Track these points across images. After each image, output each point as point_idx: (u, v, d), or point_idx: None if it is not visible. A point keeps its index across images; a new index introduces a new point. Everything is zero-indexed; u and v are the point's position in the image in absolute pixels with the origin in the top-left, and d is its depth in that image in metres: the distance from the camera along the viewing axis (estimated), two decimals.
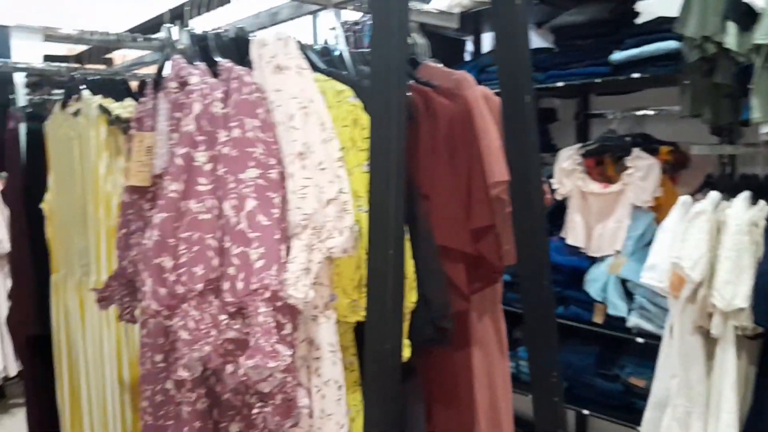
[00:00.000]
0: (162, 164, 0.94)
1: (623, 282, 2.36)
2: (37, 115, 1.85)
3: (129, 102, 1.43)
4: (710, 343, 1.93)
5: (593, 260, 2.44)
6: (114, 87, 1.52)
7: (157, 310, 0.77)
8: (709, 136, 2.16)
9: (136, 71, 1.82)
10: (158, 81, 1.04)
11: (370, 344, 0.86)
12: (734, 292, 1.84)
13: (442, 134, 1.01)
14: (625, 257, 2.37)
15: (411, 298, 0.92)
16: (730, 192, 1.96)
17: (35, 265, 1.80)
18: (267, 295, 0.75)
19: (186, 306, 0.76)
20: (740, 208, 1.87)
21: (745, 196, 1.90)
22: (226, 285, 0.77)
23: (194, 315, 0.76)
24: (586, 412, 2.51)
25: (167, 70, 0.99)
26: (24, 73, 1.93)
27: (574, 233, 2.48)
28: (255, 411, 0.78)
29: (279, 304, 0.76)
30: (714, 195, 1.95)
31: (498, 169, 1.04)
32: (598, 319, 2.38)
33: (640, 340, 2.30)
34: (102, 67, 2.17)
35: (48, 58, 2.31)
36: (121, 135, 1.38)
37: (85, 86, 1.44)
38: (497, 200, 1.06)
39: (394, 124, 0.82)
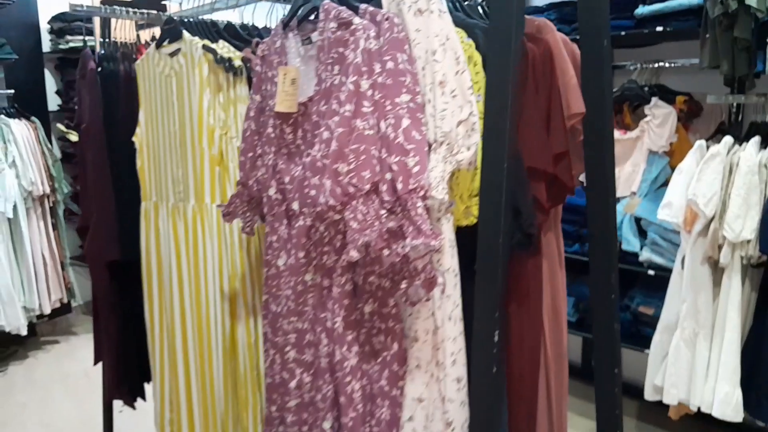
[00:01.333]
0: (308, 93, 1.11)
1: (637, 221, 2.60)
2: (111, 57, 1.99)
3: (223, 44, 1.59)
4: (718, 272, 2.19)
5: None
6: (207, 29, 1.67)
7: (333, 205, 0.97)
8: (719, 89, 2.37)
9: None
10: (287, 23, 1.20)
11: (483, 241, 1.06)
12: (743, 225, 2.08)
13: (529, 72, 1.20)
14: (639, 198, 2.60)
15: None
16: (741, 138, 2.19)
17: (118, 196, 1.97)
18: (422, 193, 0.94)
19: (355, 202, 0.96)
20: (751, 151, 2.09)
21: (755, 141, 2.12)
22: (384, 187, 0.96)
23: (361, 209, 0.95)
24: None
25: (301, 14, 1.15)
26: (98, 17, 2.05)
27: None
28: (403, 285, 0.99)
29: (427, 203, 0.96)
30: (728, 139, 2.17)
31: (575, 103, 1.24)
32: None
33: (651, 272, 2.55)
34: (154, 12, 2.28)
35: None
36: (222, 73, 1.54)
37: (183, 28, 1.59)
38: (572, 130, 1.26)
39: (512, 63, 1.00)
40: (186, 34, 1.58)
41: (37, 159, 3.55)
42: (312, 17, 1.19)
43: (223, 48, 1.56)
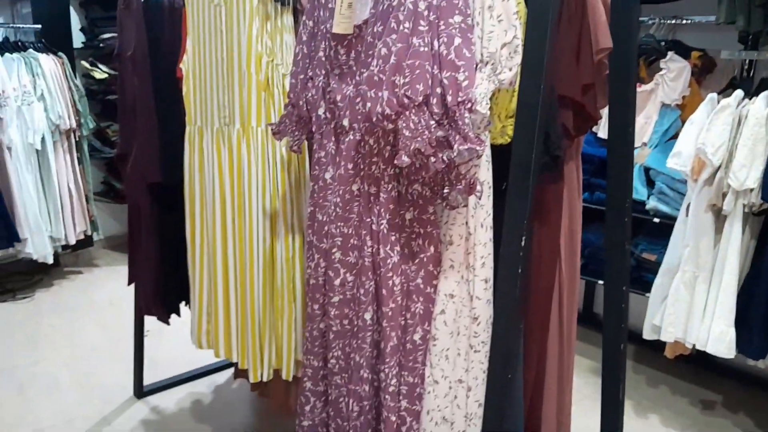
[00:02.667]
0: (362, 16, 1.22)
1: (646, 170, 2.72)
2: None
3: None
4: (720, 219, 2.32)
5: None
6: None
7: (389, 114, 1.09)
8: (734, 47, 2.46)
9: None
10: None
11: (517, 157, 1.19)
12: (747, 174, 2.20)
13: (564, 6, 1.31)
14: (650, 149, 2.71)
15: None
16: (751, 92, 2.29)
17: (161, 123, 2.09)
18: (469, 105, 1.07)
19: (408, 113, 1.08)
20: (760, 104, 2.20)
21: (765, 94, 2.23)
22: (434, 100, 1.08)
23: (413, 119, 1.08)
24: (600, 282, 2.92)
25: None
26: None
27: (605, 128, 2.80)
28: (446, 190, 1.12)
29: (471, 116, 1.08)
30: (738, 93, 2.28)
31: (603, 39, 1.35)
32: None
33: (656, 220, 2.68)
34: None
35: None
36: (271, 2, 1.64)
37: None
38: (599, 64, 1.38)
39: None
40: None
41: (65, 94, 3.65)
42: None
43: None
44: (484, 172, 1.20)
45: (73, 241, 3.77)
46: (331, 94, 1.34)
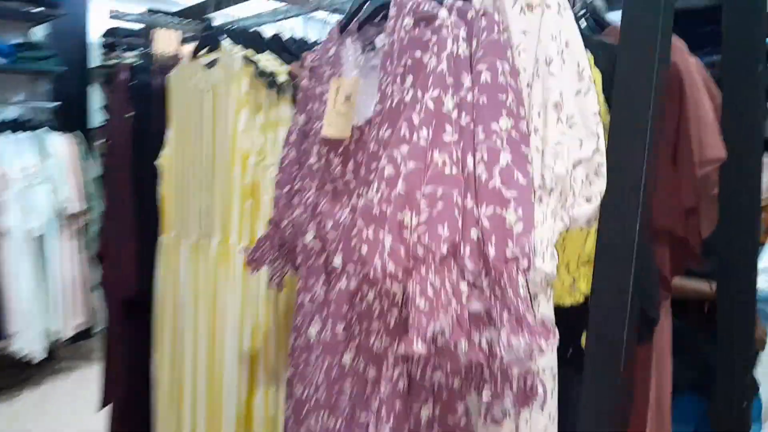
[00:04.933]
0: (366, 114, 0.84)
1: None
2: (146, 69, 1.78)
3: (267, 56, 1.34)
4: None
5: None
6: (251, 39, 1.43)
7: (392, 273, 0.68)
8: None
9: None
10: (346, 25, 0.94)
11: (596, 325, 0.76)
12: None
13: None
14: None
15: None
16: None
17: (142, 224, 1.73)
18: (525, 264, 0.65)
19: (424, 271, 0.67)
20: None
21: None
22: (467, 251, 0.67)
23: (433, 282, 0.66)
24: None
25: (365, 13, 0.89)
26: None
27: None
28: (486, 396, 0.68)
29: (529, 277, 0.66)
30: None
31: (711, 145, 0.93)
32: None
33: None
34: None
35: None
36: (264, 90, 1.29)
37: (225, 36, 1.36)
38: (704, 179, 0.95)
39: (655, 88, 0.71)
40: (225, 42, 1.35)
41: (77, 175, 3.41)
42: (377, 19, 0.92)
43: (267, 61, 1.31)
44: (546, 356, 0.76)
45: (69, 335, 3.42)
46: (321, 217, 0.94)
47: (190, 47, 2.54)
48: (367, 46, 0.89)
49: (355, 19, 0.92)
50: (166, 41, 1.98)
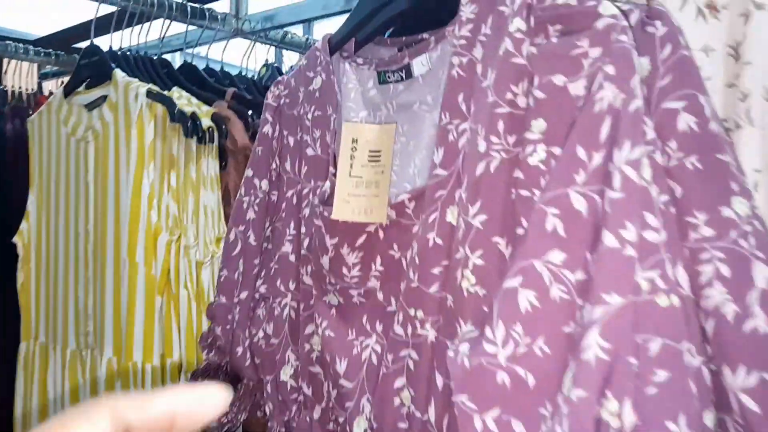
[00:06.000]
0: (404, 183, 0.50)
1: None
2: (23, 109, 1.32)
3: (180, 92, 0.96)
4: None
5: None
6: (151, 69, 1.04)
7: None
8: None
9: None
10: (341, 42, 0.60)
11: None
12: None
13: None
14: None
15: None
16: None
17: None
18: None
19: None
20: None
21: None
22: None
23: None
24: None
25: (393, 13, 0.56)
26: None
27: None
28: None
29: None
30: None
31: None
32: None
33: None
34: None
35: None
36: (178, 138, 0.90)
37: (115, 64, 0.96)
38: None
39: None
40: (119, 73, 0.95)
41: None
42: (386, 34, 0.60)
43: (181, 98, 0.93)
44: None
45: None
46: (323, 349, 0.57)
47: (51, 84, 2.04)
48: (389, 72, 0.56)
49: (361, 33, 0.59)
50: (22, 75, 1.52)
